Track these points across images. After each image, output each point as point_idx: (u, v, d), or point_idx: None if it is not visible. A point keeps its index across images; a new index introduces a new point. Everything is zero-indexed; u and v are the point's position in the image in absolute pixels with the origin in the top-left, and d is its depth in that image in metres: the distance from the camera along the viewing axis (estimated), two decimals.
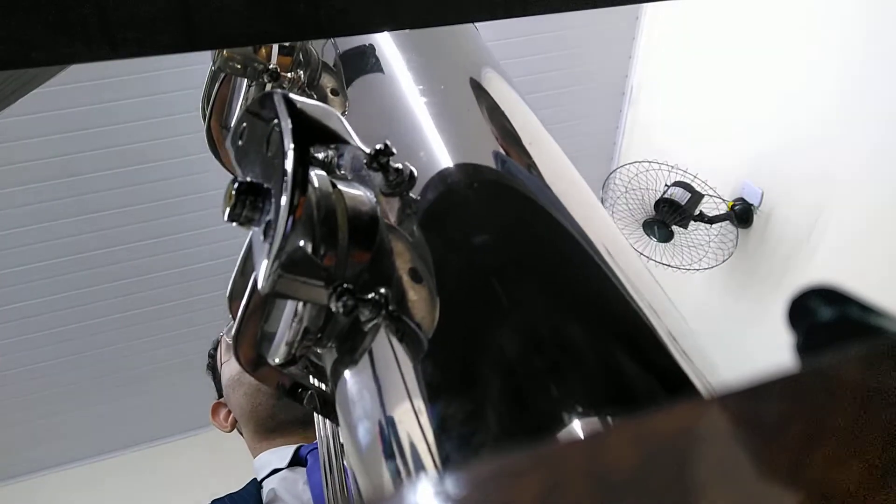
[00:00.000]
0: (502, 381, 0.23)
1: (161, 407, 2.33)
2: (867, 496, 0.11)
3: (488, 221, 0.29)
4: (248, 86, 0.47)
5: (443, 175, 0.31)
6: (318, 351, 0.32)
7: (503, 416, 0.22)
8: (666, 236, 1.83)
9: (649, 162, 1.81)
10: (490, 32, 2.01)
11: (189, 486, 2.24)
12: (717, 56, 1.88)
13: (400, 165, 0.30)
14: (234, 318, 0.33)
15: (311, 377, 0.35)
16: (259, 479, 0.83)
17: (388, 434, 0.26)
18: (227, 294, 0.37)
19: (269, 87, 0.44)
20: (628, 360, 0.25)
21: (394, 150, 0.29)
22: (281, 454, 0.83)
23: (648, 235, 1.86)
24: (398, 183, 0.30)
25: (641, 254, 1.95)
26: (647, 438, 0.12)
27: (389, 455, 0.25)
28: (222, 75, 0.50)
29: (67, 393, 2.20)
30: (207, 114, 0.51)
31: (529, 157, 0.34)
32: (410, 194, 0.30)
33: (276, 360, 0.31)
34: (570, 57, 2.16)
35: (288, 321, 0.30)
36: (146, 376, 2.25)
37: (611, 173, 1.93)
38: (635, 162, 1.84)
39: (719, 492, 0.11)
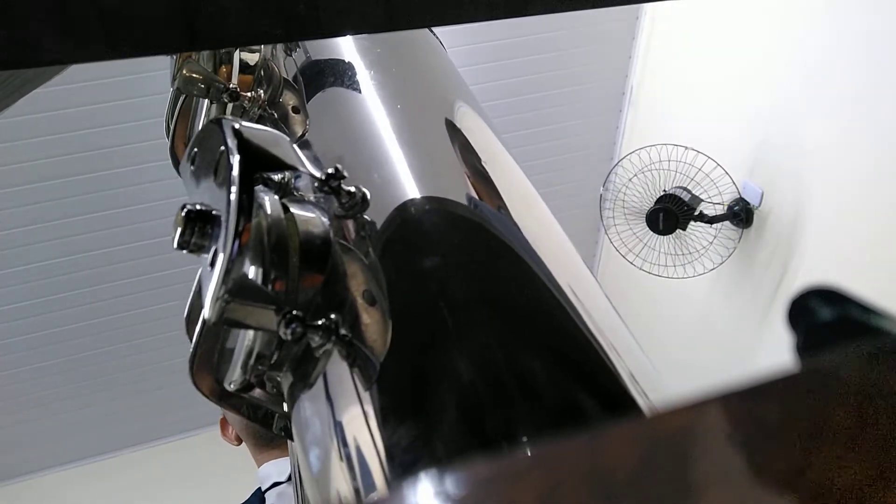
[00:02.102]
0: (452, 406, 0.23)
1: (161, 407, 2.33)
2: (867, 496, 0.11)
3: (442, 245, 0.29)
4: (210, 104, 0.46)
5: (397, 197, 0.31)
6: (276, 375, 0.31)
7: (451, 442, 0.22)
8: (670, 227, 1.81)
9: (657, 146, 1.81)
10: (490, 32, 2.01)
11: (188, 487, 2.24)
12: (717, 56, 1.88)
13: (352, 188, 0.29)
14: (191, 342, 0.32)
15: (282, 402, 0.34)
16: (263, 490, 0.85)
17: (337, 460, 0.26)
18: (185, 316, 0.36)
19: (229, 106, 0.43)
20: (579, 389, 0.25)
21: (345, 174, 0.29)
22: (280, 467, 0.85)
23: (651, 229, 1.84)
24: (351, 206, 0.29)
25: (632, 263, 1.95)
26: (647, 438, 0.12)
27: (339, 480, 0.25)
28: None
29: (67, 393, 2.20)
30: (171, 132, 0.50)
31: (489, 180, 0.34)
32: (365, 216, 0.30)
33: (232, 386, 0.30)
34: (570, 57, 2.16)
35: (241, 346, 0.29)
36: (146, 376, 2.25)
37: (617, 163, 1.93)
38: (644, 147, 1.83)
39: (719, 492, 0.11)
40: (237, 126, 0.27)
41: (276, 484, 0.83)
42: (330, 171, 0.29)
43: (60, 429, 2.26)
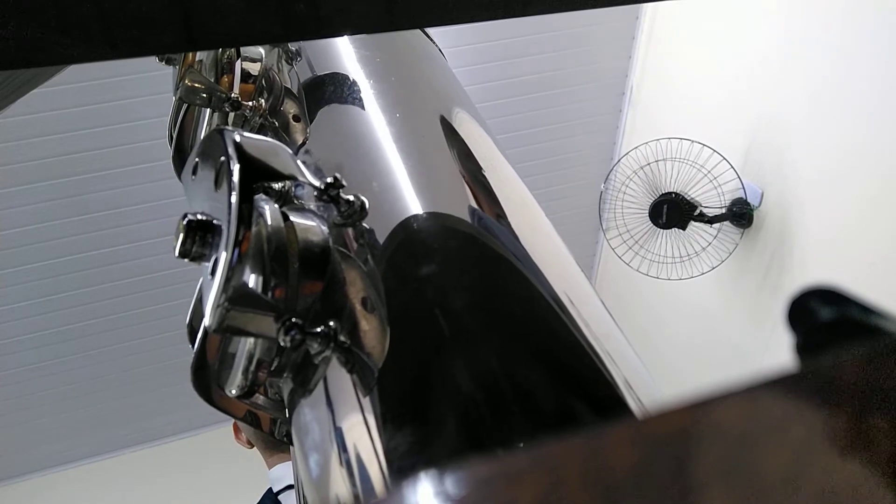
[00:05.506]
0: (449, 412, 0.23)
1: (161, 407, 2.33)
2: (867, 496, 0.11)
3: (439, 253, 0.29)
4: (212, 113, 0.46)
5: (396, 205, 0.31)
6: (277, 381, 0.31)
7: (448, 447, 0.23)
8: (674, 220, 1.80)
9: (658, 140, 1.80)
10: (490, 32, 2.01)
11: (189, 487, 2.24)
12: (717, 56, 1.88)
13: (351, 197, 0.30)
14: (193, 348, 0.33)
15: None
16: (275, 492, 0.85)
17: (337, 465, 0.26)
18: (187, 322, 0.36)
19: (231, 115, 0.44)
20: (575, 396, 0.25)
21: (343, 183, 0.30)
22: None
23: (653, 223, 1.83)
24: (350, 214, 0.30)
25: (628, 264, 1.94)
26: (647, 438, 0.12)
27: (338, 484, 0.25)
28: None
29: (67, 393, 2.20)
30: (173, 141, 0.51)
31: (487, 188, 0.35)
32: (364, 224, 0.30)
33: (232, 392, 0.31)
34: (570, 57, 2.16)
35: (242, 352, 0.30)
36: (146, 376, 2.25)
37: (618, 161, 1.93)
38: (650, 141, 1.82)
39: (719, 492, 0.11)
40: (238, 138, 0.28)
41: (290, 486, 0.83)
42: (329, 180, 0.29)
43: (60, 429, 2.26)
